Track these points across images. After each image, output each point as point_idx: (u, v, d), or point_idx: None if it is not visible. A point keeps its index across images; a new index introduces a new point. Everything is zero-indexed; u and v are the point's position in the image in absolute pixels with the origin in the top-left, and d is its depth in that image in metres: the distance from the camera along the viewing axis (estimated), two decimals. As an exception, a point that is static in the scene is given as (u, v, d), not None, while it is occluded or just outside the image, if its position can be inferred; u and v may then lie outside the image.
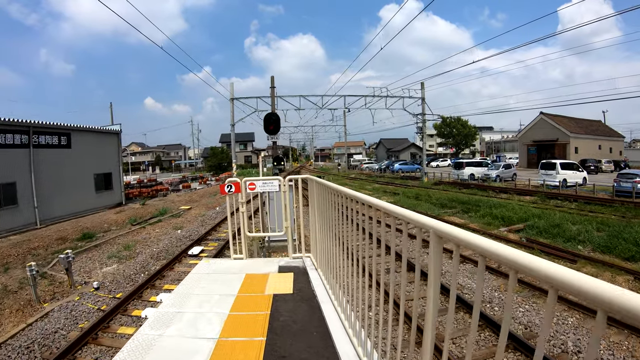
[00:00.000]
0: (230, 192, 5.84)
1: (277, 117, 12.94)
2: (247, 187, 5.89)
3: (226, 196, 5.91)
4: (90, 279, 11.65)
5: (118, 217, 22.57)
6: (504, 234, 15.00)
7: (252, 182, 5.85)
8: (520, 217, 17.39)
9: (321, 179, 4.78)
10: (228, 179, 5.84)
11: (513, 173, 37.23)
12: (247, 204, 6.26)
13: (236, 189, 5.81)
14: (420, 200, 24.13)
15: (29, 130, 21.29)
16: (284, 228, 6.02)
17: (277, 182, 5.81)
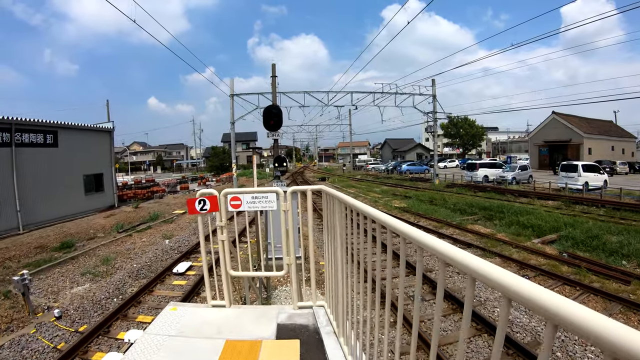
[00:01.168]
0: (204, 210, 3.90)
1: (278, 110, 10.97)
2: (228, 204, 3.94)
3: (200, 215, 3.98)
4: (55, 303, 9.75)
5: (107, 221, 20.69)
6: (537, 246, 13.06)
7: (235, 196, 3.90)
8: (551, 227, 15.58)
9: (348, 198, 2.90)
10: (200, 190, 3.89)
11: (529, 175, 35.34)
12: (230, 222, 4.34)
13: (212, 207, 3.88)
14: (435, 205, 22.17)
15: (11, 127, 19.51)
16: (286, 265, 4.07)
17: (275, 195, 3.86)
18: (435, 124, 37.48)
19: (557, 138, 50.07)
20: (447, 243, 1.54)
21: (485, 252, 12.38)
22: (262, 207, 3.89)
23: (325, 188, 3.73)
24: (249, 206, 3.90)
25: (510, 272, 1.14)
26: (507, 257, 11.83)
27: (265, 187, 4.02)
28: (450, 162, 72.69)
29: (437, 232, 15.29)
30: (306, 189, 4.02)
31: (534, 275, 10.37)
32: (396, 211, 20.56)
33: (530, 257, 11.86)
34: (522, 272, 10.70)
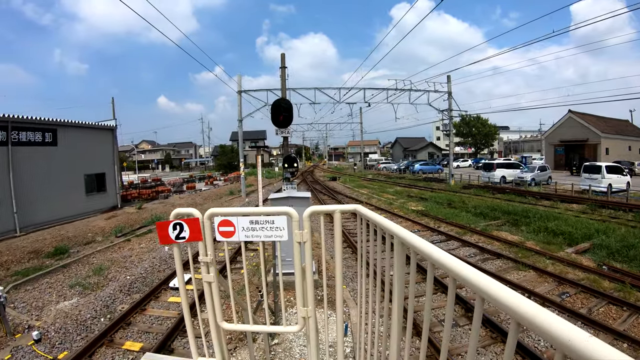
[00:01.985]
0: (181, 238, 2.69)
1: (288, 104, 9.75)
2: (216, 231, 2.72)
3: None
4: (37, 322, 8.61)
5: (107, 224, 19.63)
6: (572, 257, 11.79)
7: (226, 219, 2.68)
8: (583, 234, 14.24)
9: (411, 237, 1.70)
10: (175, 210, 2.68)
11: (548, 176, 33.92)
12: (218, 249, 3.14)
13: (192, 235, 2.66)
14: (455, 208, 20.87)
15: (7, 125, 18.59)
16: (301, 318, 2.84)
17: (285, 220, 2.62)
18: (451, 122, 35.98)
19: (573, 137, 48.51)
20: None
21: (517, 263, 11.17)
22: (265, 237, 2.66)
23: (362, 210, 2.56)
24: (247, 235, 2.68)
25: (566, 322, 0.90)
26: (541, 270, 10.56)
27: (271, 208, 2.76)
28: (463, 161, 71.15)
29: (461, 240, 14.05)
30: (334, 209, 2.80)
31: (574, 293, 9.14)
32: (414, 215, 19.29)
33: (566, 270, 10.61)
34: (561, 288, 9.46)
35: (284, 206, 2.68)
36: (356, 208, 2.66)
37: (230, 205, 25.30)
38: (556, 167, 49.12)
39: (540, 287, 9.48)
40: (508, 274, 10.54)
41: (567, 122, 50.01)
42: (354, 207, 2.72)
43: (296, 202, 8.01)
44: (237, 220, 2.67)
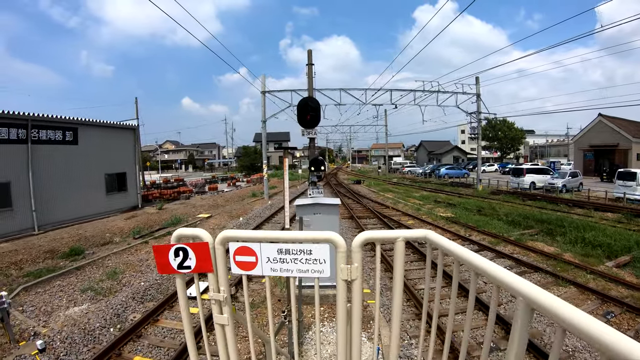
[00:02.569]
0: (185, 268, 2.01)
1: (316, 103, 9.04)
2: (231, 261, 2.01)
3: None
4: (43, 329, 8.08)
5: (126, 224, 19.21)
6: (613, 271, 10.90)
7: (245, 247, 1.97)
8: (622, 246, 13.32)
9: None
10: (177, 230, 2.01)
11: (579, 182, 32.65)
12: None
13: (200, 264, 1.98)
14: (485, 216, 19.92)
15: (27, 123, 18.36)
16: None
17: (326, 249, 1.91)
18: (480, 125, 34.89)
19: (603, 142, 46.76)
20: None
21: (556, 278, 10.34)
22: (299, 272, 1.96)
23: (434, 237, 1.85)
24: (273, 268, 1.97)
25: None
26: (583, 285, 9.71)
27: (307, 234, 2.04)
28: (489, 166, 69.64)
29: (494, 250, 13.19)
30: (395, 236, 2.06)
31: (619, 312, 8.30)
32: (443, 222, 18.43)
33: (609, 286, 9.75)
34: (605, 306, 8.63)
35: (326, 231, 1.96)
36: (426, 235, 1.94)
37: (249, 208, 24.73)
38: (585, 172, 47.46)
39: (583, 306, 8.67)
40: (549, 290, 9.65)
41: (596, 126, 48.31)
42: (423, 233, 2.00)
43: (324, 209, 7.33)
44: (260, 248, 1.97)
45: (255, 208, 24.92)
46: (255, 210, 23.89)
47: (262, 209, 24.09)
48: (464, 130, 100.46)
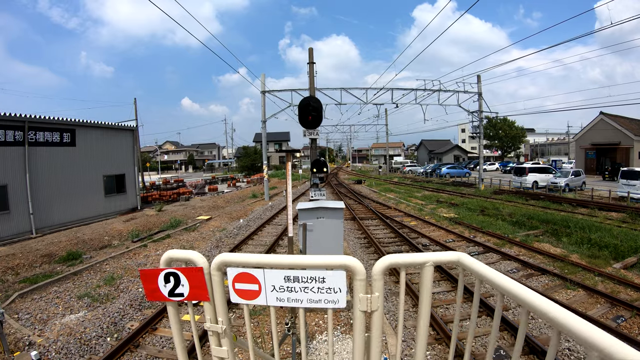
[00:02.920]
0: (177, 296, 1.74)
1: (318, 103, 8.73)
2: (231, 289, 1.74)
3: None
4: (38, 338, 7.82)
5: (125, 226, 18.92)
6: (621, 273, 10.64)
7: (246, 273, 1.70)
8: (628, 247, 12.96)
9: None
10: (167, 253, 1.75)
11: (582, 181, 32.35)
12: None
13: (194, 291, 1.71)
14: (489, 216, 19.62)
15: (24, 125, 18.17)
16: None
17: (342, 277, 1.64)
18: (481, 124, 34.58)
19: (605, 140, 46.43)
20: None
21: (564, 281, 10.04)
22: (310, 302, 1.69)
23: (468, 261, 1.58)
24: (279, 297, 1.71)
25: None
26: (591, 288, 9.41)
27: (320, 258, 1.75)
28: (490, 165, 69.31)
29: (500, 252, 12.91)
30: (423, 261, 1.77)
31: (630, 317, 8.03)
32: (446, 222, 18.15)
33: (618, 289, 9.47)
34: (615, 310, 8.35)
35: (342, 256, 1.68)
36: (460, 258, 1.67)
37: (250, 210, 24.45)
38: (587, 171, 47.15)
39: (593, 310, 8.39)
40: (557, 293, 9.45)
41: (598, 124, 47.96)
42: (456, 256, 1.72)
43: (327, 213, 7.07)
44: (263, 275, 1.71)
45: (255, 209, 24.65)
46: (256, 211, 23.62)
47: (263, 210, 23.82)
48: (465, 129, 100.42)
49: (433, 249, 13.87)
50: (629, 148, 43.81)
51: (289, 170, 4.27)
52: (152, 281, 1.80)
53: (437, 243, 14.31)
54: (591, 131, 49.18)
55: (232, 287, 1.74)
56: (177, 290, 1.78)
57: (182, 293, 1.78)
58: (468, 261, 1.64)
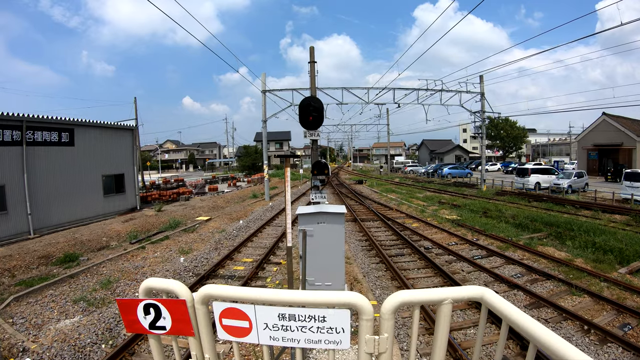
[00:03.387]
0: (159, 329, 1.53)
1: (319, 103, 8.50)
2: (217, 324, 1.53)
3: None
4: (33, 344, 7.62)
5: (124, 227, 18.73)
6: (627, 278, 10.43)
7: (234, 308, 1.49)
8: (634, 251, 12.78)
9: None
10: (146, 282, 1.54)
11: (585, 183, 32.09)
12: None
13: (176, 325, 1.49)
14: (491, 218, 19.38)
15: (22, 125, 17.98)
16: None
17: (346, 316, 1.42)
18: (484, 124, 34.33)
19: (607, 141, 46.03)
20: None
21: (569, 286, 9.81)
22: (308, 343, 1.47)
23: (493, 299, 1.36)
24: (273, 336, 1.49)
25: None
26: (597, 295, 9.18)
27: (320, 295, 1.52)
28: (492, 165, 68.96)
29: (503, 256, 12.69)
30: (440, 298, 1.53)
31: (637, 324, 7.82)
32: (449, 225, 17.91)
33: (624, 295, 9.25)
34: (622, 318, 8.14)
35: (347, 292, 1.47)
36: (484, 295, 1.45)
37: (250, 210, 24.22)
38: (589, 172, 46.84)
39: (599, 317, 8.16)
40: (562, 299, 9.22)
41: (600, 125, 47.57)
42: (479, 292, 1.49)
43: (328, 218, 6.84)
44: (254, 312, 1.50)
45: (256, 210, 24.45)
46: (256, 212, 23.42)
47: (263, 211, 23.61)
48: (466, 129, 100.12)
49: (435, 252, 13.65)
50: (632, 149, 43.47)
51: (288, 178, 4.06)
52: (130, 312, 1.61)
53: (440, 246, 14.10)
54: (593, 132, 48.82)
55: (219, 323, 1.53)
56: (158, 323, 1.58)
57: (164, 326, 1.58)
58: (493, 299, 1.42)
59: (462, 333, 7.70)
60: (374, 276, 11.10)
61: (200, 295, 1.53)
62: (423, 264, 12.11)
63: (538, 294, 9.24)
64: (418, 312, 1.58)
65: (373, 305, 5.17)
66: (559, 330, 7.61)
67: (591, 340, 7.21)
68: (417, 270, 11.60)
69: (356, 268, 11.32)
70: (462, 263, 12.25)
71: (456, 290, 1.53)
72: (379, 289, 10.07)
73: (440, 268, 11.18)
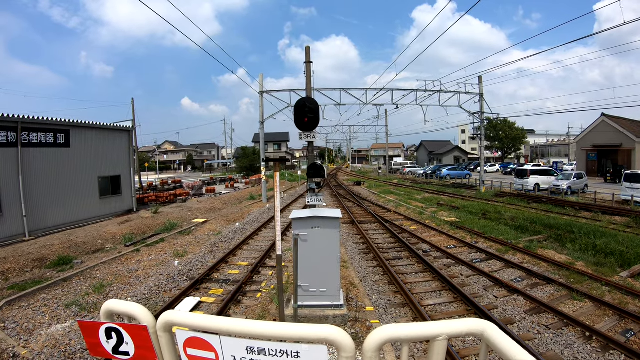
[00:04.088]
0: (122, 354, 1.37)
1: (314, 104, 8.34)
2: (183, 354, 1.37)
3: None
4: (24, 350, 7.49)
5: (119, 229, 18.57)
6: (629, 282, 10.32)
7: (200, 339, 1.33)
8: (635, 254, 12.62)
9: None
10: (107, 303, 1.39)
11: (584, 184, 31.96)
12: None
13: (139, 352, 1.34)
14: (490, 220, 19.23)
15: (17, 126, 17.76)
16: None
17: (324, 353, 1.25)
18: (483, 125, 34.20)
19: (607, 142, 45.92)
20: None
21: (570, 291, 9.65)
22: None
23: (495, 336, 1.19)
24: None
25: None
26: (599, 300, 9.04)
27: (294, 328, 1.35)
28: (491, 166, 68.82)
29: (503, 259, 12.53)
30: (434, 334, 1.31)
31: (639, 330, 7.66)
32: (447, 227, 17.77)
33: (626, 300, 9.12)
34: (624, 324, 8.00)
35: (325, 325, 1.30)
36: (484, 331, 1.27)
37: (247, 212, 24.06)
38: (588, 173, 46.72)
39: (601, 323, 8.01)
40: (563, 304, 9.06)
41: (599, 126, 47.46)
42: (480, 327, 1.31)
43: (323, 222, 6.68)
44: (220, 343, 1.33)
45: (253, 212, 24.28)
46: (253, 214, 23.26)
47: (260, 213, 23.45)
48: (465, 130, 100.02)
49: (434, 255, 13.50)
50: (631, 150, 43.38)
51: (277, 183, 3.90)
52: (93, 335, 1.46)
53: (439, 249, 13.95)
54: (592, 133, 48.71)
55: (183, 353, 1.38)
56: (121, 348, 1.43)
57: (128, 352, 1.43)
58: (495, 337, 1.24)
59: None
60: (371, 280, 10.94)
61: (162, 322, 1.37)
62: (421, 268, 11.96)
63: (538, 299, 9.09)
64: (407, 350, 1.40)
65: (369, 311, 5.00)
66: (560, 337, 7.45)
67: (593, 347, 7.05)
68: (415, 275, 11.44)
69: (353, 272, 11.17)
70: (461, 267, 12.10)
71: (453, 324, 1.35)
72: (376, 293, 9.91)
73: (438, 272, 11.02)
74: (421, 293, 10.00)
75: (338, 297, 7.31)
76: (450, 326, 1.34)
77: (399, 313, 8.75)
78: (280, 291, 5.00)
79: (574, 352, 6.92)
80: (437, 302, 9.38)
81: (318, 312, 7.09)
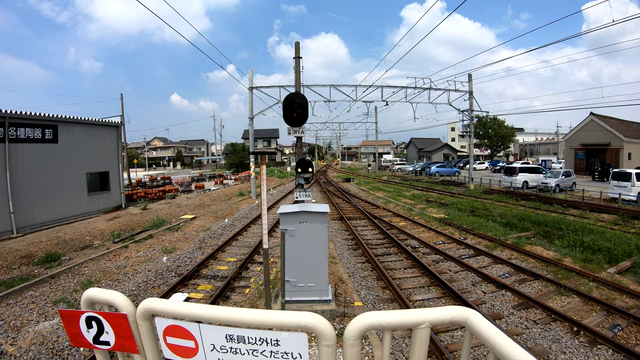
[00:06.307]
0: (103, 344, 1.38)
1: (303, 99, 8.34)
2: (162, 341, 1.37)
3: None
4: (10, 348, 7.43)
5: (108, 226, 18.45)
6: (616, 278, 10.43)
7: (180, 327, 1.33)
8: (622, 250, 12.77)
9: None
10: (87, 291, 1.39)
11: (573, 182, 32.21)
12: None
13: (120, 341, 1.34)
14: (479, 217, 19.35)
15: (4, 121, 17.61)
16: None
17: (302, 340, 1.26)
18: (472, 123, 34.36)
19: (595, 141, 46.47)
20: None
21: (558, 287, 9.76)
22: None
23: (479, 323, 1.19)
24: (221, 359, 1.35)
25: None
26: (586, 295, 9.14)
27: (273, 315, 1.35)
28: (480, 164, 69.23)
29: (491, 255, 12.62)
30: (416, 322, 1.30)
31: (626, 325, 7.80)
32: (436, 223, 17.85)
33: (613, 296, 9.24)
34: (611, 319, 8.10)
35: (304, 312, 1.31)
36: (468, 319, 1.28)
37: (236, 208, 24.01)
38: (577, 171, 47.19)
39: (588, 319, 8.11)
40: (551, 300, 9.16)
41: (588, 125, 47.96)
42: (463, 315, 1.31)
43: (311, 217, 6.69)
44: (199, 331, 1.34)
45: (242, 208, 24.22)
46: (242, 210, 23.21)
47: (249, 209, 23.41)
48: (454, 127, 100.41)
49: (423, 251, 13.57)
50: (619, 149, 43.89)
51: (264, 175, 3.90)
52: (73, 324, 1.45)
53: (427, 245, 14.01)
54: (581, 132, 49.18)
55: (163, 341, 1.38)
56: (102, 337, 1.43)
57: (108, 341, 1.43)
58: (479, 324, 1.24)
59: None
60: (359, 276, 10.98)
61: (142, 310, 1.37)
62: (410, 264, 12.01)
63: (526, 295, 9.17)
64: (389, 338, 1.40)
65: (358, 306, 5.01)
66: (548, 332, 7.52)
67: (581, 342, 7.13)
68: (404, 270, 11.49)
69: (341, 268, 11.19)
70: (450, 262, 12.17)
71: (435, 312, 1.35)
72: (365, 289, 9.94)
73: (427, 268, 11.07)
74: (410, 288, 10.04)
75: (326, 292, 7.32)
76: (432, 314, 1.34)
77: (388, 308, 8.79)
78: (267, 285, 5.01)
79: (562, 346, 7.00)
80: (425, 297, 9.43)
81: (306, 307, 7.10)
